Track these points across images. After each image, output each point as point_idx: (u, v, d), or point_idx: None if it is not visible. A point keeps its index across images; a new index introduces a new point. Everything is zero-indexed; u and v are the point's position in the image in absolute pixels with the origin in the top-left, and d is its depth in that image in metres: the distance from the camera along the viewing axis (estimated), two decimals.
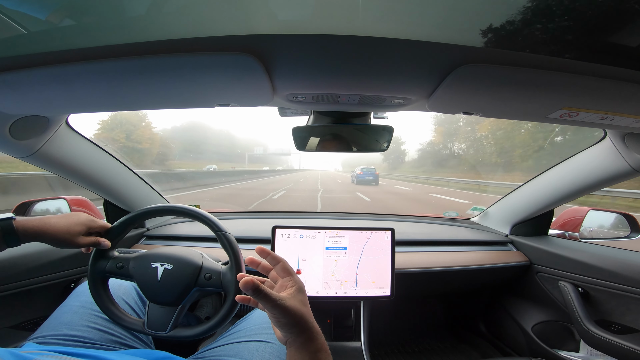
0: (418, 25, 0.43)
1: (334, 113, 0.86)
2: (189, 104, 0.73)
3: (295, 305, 0.46)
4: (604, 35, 0.43)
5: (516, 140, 23.46)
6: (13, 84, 0.58)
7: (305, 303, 0.49)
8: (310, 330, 0.47)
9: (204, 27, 0.44)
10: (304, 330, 0.46)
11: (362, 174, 17.96)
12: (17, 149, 0.82)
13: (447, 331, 1.69)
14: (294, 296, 0.48)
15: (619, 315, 1.01)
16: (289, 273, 0.52)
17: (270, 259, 0.53)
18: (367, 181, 17.87)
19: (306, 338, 0.46)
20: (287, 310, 0.45)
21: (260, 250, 0.52)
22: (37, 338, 0.67)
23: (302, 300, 0.48)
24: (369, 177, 17.90)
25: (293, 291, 0.49)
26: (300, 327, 0.46)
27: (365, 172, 18.03)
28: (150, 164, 33.03)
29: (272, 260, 0.53)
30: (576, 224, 1.27)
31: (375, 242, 1.07)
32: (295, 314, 0.45)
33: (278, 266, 0.52)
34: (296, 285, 0.50)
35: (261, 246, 0.52)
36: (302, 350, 0.46)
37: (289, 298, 0.47)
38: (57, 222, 0.67)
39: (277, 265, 0.52)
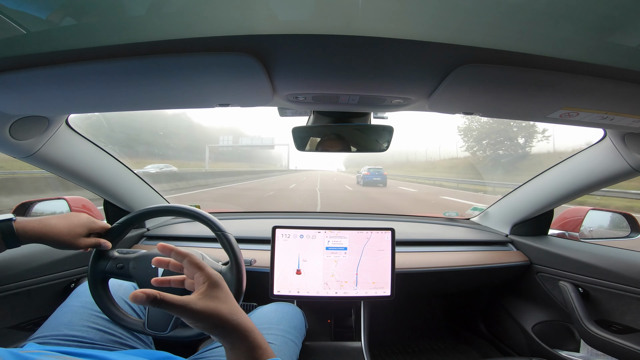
0: (418, 25, 0.43)
1: (334, 113, 0.86)
2: (189, 104, 0.73)
3: (207, 306, 0.41)
4: (604, 35, 0.43)
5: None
6: (13, 84, 0.58)
7: (223, 299, 0.43)
8: (236, 329, 0.42)
9: (204, 27, 0.44)
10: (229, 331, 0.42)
11: (369, 175, 16.66)
12: (17, 149, 0.82)
13: (447, 331, 1.69)
14: (206, 294, 0.42)
15: (619, 315, 1.01)
16: (199, 267, 0.46)
17: (175, 255, 0.48)
18: (374, 182, 16.57)
19: (234, 338, 0.42)
20: (198, 314, 0.40)
21: (161, 247, 0.47)
22: (37, 338, 0.67)
23: (217, 296, 0.43)
24: (377, 177, 16.63)
25: (204, 289, 0.43)
26: (222, 328, 0.42)
27: (372, 173, 16.73)
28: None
29: (178, 257, 0.48)
30: (576, 224, 1.27)
31: (375, 242, 1.07)
32: (209, 315, 0.41)
33: (185, 262, 0.47)
34: (208, 281, 0.44)
35: (161, 243, 0.48)
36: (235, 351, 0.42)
37: (198, 299, 0.41)
38: (57, 223, 0.66)
39: (184, 261, 0.47)
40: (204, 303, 0.41)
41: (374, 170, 16.89)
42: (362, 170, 17.96)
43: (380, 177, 16.63)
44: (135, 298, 0.38)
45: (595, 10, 0.39)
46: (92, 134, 0.94)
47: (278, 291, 1.04)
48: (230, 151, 48.89)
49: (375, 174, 16.69)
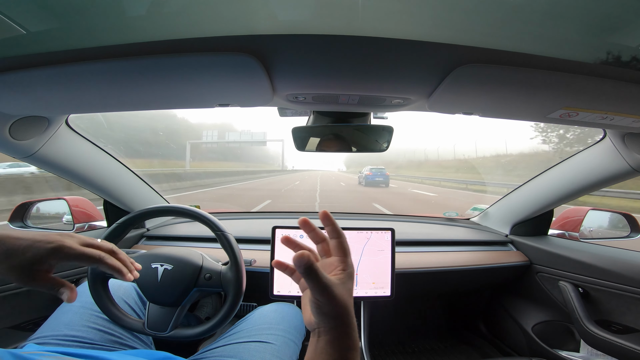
0: (418, 25, 0.43)
1: (333, 113, 0.86)
2: (189, 104, 0.73)
3: (342, 294, 0.40)
4: (604, 35, 0.44)
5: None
6: (13, 84, 0.58)
7: (351, 293, 0.42)
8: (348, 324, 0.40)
9: (204, 27, 0.44)
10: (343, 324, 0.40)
11: (372, 175, 16.40)
12: (16, 149, 0.82)
13: (447, 331, 1.69)
14: (344, 283, 0.41)
15: (619, 315, 1.01)
16: (345, 253, 0.44)
17: (331, 230, 0.45)
18: (377, 182, 16.31)
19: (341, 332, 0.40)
20: (334, 299, 0.39)
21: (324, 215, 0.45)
22: (37, 338, 0.67)
23: (350, 289, 0.42)
24: (379, 178, 16.35)
25: (344, 276, 0.42)
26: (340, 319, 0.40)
27: (375, 173, 16.47)
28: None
29: (333, 232, 0.45)
30: (576, 224, 1.27)
31: (375, 243, 1.07)
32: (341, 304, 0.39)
33: (336, 241, 0.44)
34: (348, 270, 0.42)
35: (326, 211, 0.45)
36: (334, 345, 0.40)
37: (338, 284, 0.40)
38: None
39: (335, 240, 0.44)
40: (341, 290, 0.40)
41: (377, 170, 16.63)
42: (364, 171, 17.73)
43: (382, 178, 16.39)
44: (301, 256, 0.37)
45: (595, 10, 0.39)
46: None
47: (278, 291, 1.04)
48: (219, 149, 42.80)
49: (377, 174, 16.44)
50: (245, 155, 59.99)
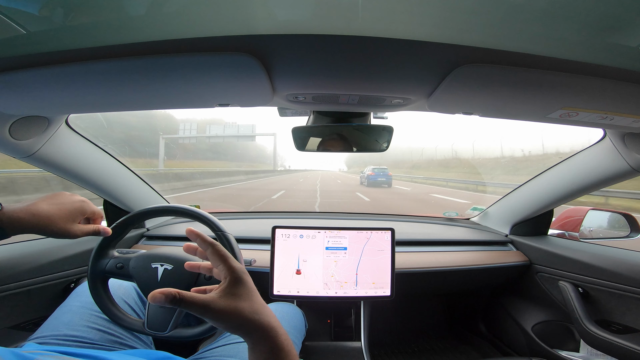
0: (418, 25, 0.43)
1: (333, 113, 0.86)
2: (189, 104, 0.73)
3: (228, 305, 0.38)
4: (604, 35, 0.43)
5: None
6: (13, 84, 0.58)
7: (245, 296, 0.40)
8: (258, 329, 0.39)
9: (204, 27, 0.44)
10: (250, 330, 0.39)
11: (374, 175, 15.98)
12: (16, 149, 0.82)
13: (447, 331, 1.69)
14: (227, 292, 0.39)
15: (619, 315, 1.01)
16: (222, 259, 0.41)
17: (200, 242, 0.43)
18: (379, 183, 15.91)
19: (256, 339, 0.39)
20: (218, 314, 0.37)
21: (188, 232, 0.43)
22: (37, 338, 0.67)
23: (239, 294, 0.39)
24: (382, 178, 15.94)
25: (225, 285, 0.39)
26: (242, 328, 0.39)
27: (377, 173, 16.03)
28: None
29: (202, 244, 0.43)
30: (576, 224, 1.27)
31: (375, 242, 1.07)
32: (230, 315, 0.38)
33: (208, 251, 0.42)
34: (230, 276, 0.40)
35: (189, 227, 0.43)
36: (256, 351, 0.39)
37: (219, 297, 0.38)
38: (48, 209, 0.58)
39: (208, 251, 0.42)
40: (225, 302, 0.38)
41: (379, 170, 16.25)
42: (366, 171, 17.34)
43: (385, 178, 16.02)
44: (154, 298, 0.36)
45: (595, 10, 0.39)
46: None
47: (278, 291, 1.04)
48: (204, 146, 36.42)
49: (380, 174, 16.05)
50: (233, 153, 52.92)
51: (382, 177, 15.96)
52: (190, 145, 32.26)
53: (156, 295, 0.35)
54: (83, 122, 0.96)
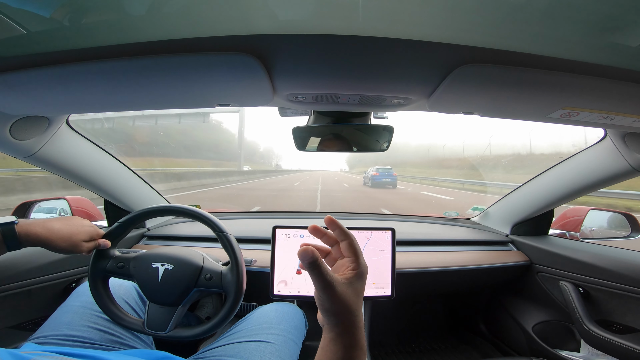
0: (418, 25, 0.43)
1: (334, 113, 0.86)
2: (189, 104, 0.73)
3: (346, 293, 0.40)
4: (604, 35, 0.43)
5: None
6: (13, 84, 0.58)
7: (359, 293, 0.43)
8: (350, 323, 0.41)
9: (204, 27, 0.44)
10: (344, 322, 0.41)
11: (379, 175, 15.28)
12: (17, 149, 0.82)
13: (448, 331, 1.69)
14: (351, 282, 0.42)
15: (619, 315, 1.01)
16: (355, 254, 0.44)
17: (339, 233, 0.45)
18: (383, 183, 15.27)
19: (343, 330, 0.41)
20: (335, 297, 0.40)
21: (329, 220, 0.46)
22: (37, 338, 0.67)
23: (357, 289, 0.42)
24: (386, 178, 15.27)
25: (352, 276, 0.42)
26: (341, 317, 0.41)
27: (382, 173, 15.33)
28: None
29: (341, 235, 0.45)
30: (577, 224, 1.27)
31: (376, 242, 1.07)
32: (342, 303, 0.40)
33: (345, 243, 0.45)
34: (357, 270, 0.43)
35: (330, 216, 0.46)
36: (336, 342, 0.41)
37: (343, 283, 0.41)
38: (61, 229, 0.66)
39: (344, 242, 0.45)
40: (345, 289, 0.40)
41: (384, 170, 15.62)
42: (369, 171, 16.71)
43: (390, 178, 15.39)
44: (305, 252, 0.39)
45: (595, 10, 0.39)
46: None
47: (278, 291, 1.04)
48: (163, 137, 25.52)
49: (384, 174, 15.44)
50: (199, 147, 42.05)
51: (387, 177, 15.42)
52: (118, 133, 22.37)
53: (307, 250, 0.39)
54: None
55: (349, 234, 0.45)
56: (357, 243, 0.45)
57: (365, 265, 0.44)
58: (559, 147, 19.03)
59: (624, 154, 0.87)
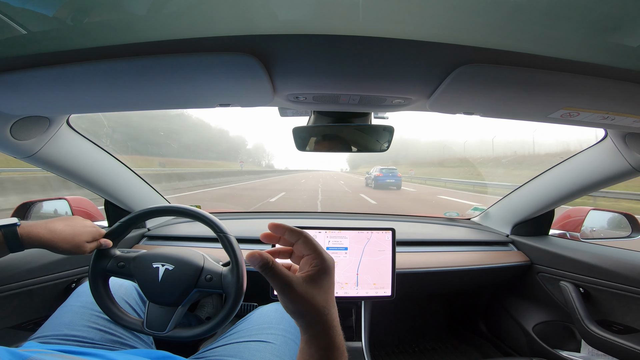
0: (418, 25, 0.43)
1: (334, 113, 0.86)
2: (190, 104, 0.73)
3: (308, 292, 0.38)
4: (604, 35, 0.43)
5: None
6: (14, 85, 0.58)
7: (326, 290, 0.40)
8: (322, 323, 0.39)
9: (205, 28, 0.44)
10: (314, 323, 0.39)
11: (382, 176, 14.61)
12: (18, 149, 0.82)
13: (448, 331, 1.69)
14: (313, 280, 0.39)
15: (620, 315, 1.00)
16: (314, 249, 0.41)
17: (290, 235, 0.43)
18: (387, 184, 14.61)
19: (315, 332, 0.39)
20: (297, 298, 0.38)
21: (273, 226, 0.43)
22: (37, 338, 0.67)
23: (322, 286, 0.39)
24: (391, 179, 14.64)
25: (313, 273, 0.39)
26: (308, 318, 0.39)
27: (385, 174, 14.65)
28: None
29: (292, 236, 0.42)
30: (577, 224, 1.27)
31: (376, 242, 1.07)
32: (306, 303, 0.38)
33: (299, 242, 0.42)
34: (320, 266, 0.40)
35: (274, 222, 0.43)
36: (311, 345, 0.39)
37: (302, 282, 0.38)
38: (63, 230, 0.66)
39: (299, 241, 0.42)
40: (305, 288, 0.38)
41: (387, 170, 14.95)
42: (372, 171, 16.04)
43: (394, 179, 14.73)
44: (252, 257, 0.37)
45: (595, 10, 0.39)
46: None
47: None
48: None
49: (388, 175, 14.78)
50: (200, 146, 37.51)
51: (390, 178, 14.78)
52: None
53: (254, 254, 0.37)
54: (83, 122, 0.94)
55: (301, 232, 0.42)
56: (312, 239, 0.42)
57: (330, 259, 0.41)
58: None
59: (625, 154, 0.87)
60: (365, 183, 16.75)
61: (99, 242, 0.72)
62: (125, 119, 22.85)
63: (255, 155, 72.56)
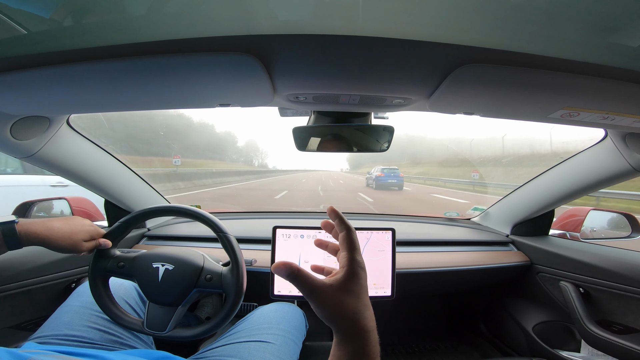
0: (418, 25, 0.43)
1: (334, 113, 0.86)
2: (190, 104, 0.73)
3: (334, 297, 0.37)
4: (604, 35, 0.43)
5: None
6: (14, 84, 0.58)
7: (356, 294, 0.38)
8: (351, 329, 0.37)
9: (205, 27, 0.44)
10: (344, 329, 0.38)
11: (384, 176, 14.15)
12: (18, 149, 0.82)
13: (448, 331, 1.69)
14: (341, 285, 0.37)
15: (620, 315, 1.00)
16: (349, 248, 0.40)
17: (338, 223, 0.41)
18: (389, 185, 14.16)
19: (345, 337, 0.38)
20: (324, 304, 0.36)
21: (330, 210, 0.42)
22: (37, 338, 0.67)
23: (352, 290, 0.38)
24: (392, 179, 14.17)
25: (341, 277, 0.38)
26: (338, 323, 0.37)
27: (387, 174, 14.22)
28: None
29: (339, 225, 0.41)
30: (577, 224, 1.27)
31: (376, 242, 1.07)
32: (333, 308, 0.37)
33: (342, 235, 0.41)
34: (349, 268, 0.38)
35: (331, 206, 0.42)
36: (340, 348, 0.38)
37: (331, 287, 0.37)
38: (61, 228, 0.66)
39: (342, 234, 0.41)
40: (333, 293, 0.37)
41: (389, 170, 14.50)
42: (373, 171, 15.56)
43: (396, 180, 14.25)
44: (277, 268, 0.36)
45: (595, 10, 0.39)
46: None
47: (279, 291, 1.04)
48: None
49: (390, 175, 14.31)
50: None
51: (392, 178, 14.28)
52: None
53: (279, 265, 0.36)
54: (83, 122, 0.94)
55: (348, 226, 0.41)
56: (355, 237, 0.41)
57: (361, 262, 0.40)
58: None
59: (624, 154, 0.87)
60: (366, 183, 16.40)
61: (97, 241, 0.72)
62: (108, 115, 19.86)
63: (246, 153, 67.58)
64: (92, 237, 0.71)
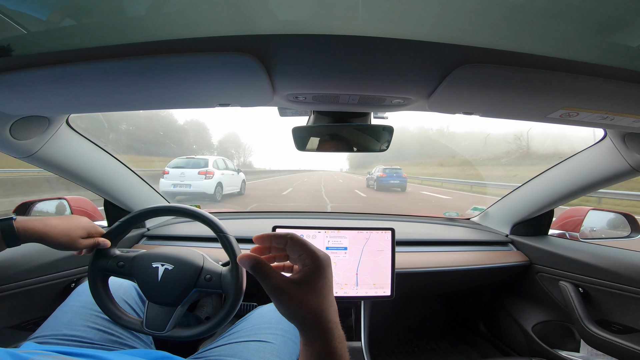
0: (418, 25, 0.43)
1: (334, 113, 0.86)
2: (189, 104, 0.73)
3: (297, 295, 0.36)
4: (604, 35, 0.44)
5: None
6: (13, 84, 0.58)
7: (319, 291, 0.37)
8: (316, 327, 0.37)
9: (204, 27, 0.45)
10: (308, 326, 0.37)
11: (386, 177, 13.53)
12: (17, 149, 0.82)
13: (447, 331, 1.69)
14: (304, 281, 0.37)
15: (619, 315, 1.01)
16: (304, 248, 0.39)
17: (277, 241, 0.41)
18: (391, 186, 13.54)
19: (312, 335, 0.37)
20: (287, 300, 0.36)
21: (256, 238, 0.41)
22: (36, 338, 0.67)
23: (315, 287, 0.37)
24: (394, 180, 13.50)
25: (304, 274, 0.37)
26: (301, 321, 0.37)
27: (389, 174, 13.58)
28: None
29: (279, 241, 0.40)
30: (576, 224, 1.27)
31: (375, 242, 1.07)
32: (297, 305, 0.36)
33: (288, 245, 0.40)
34: (311, 266, 0.38)
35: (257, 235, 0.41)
36: (307, 347, 0.37)
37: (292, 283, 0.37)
38: (58, 224, 0.66)
39: (287, 245, 0.40)
40: (296, 291, 0.36)
41: (391, 170, 13.82)
42: (374, 172, 14.88)
43: (399, 180, 13.59)
44: (242, 258, 0.37)
45: (595, 10, 0.39)
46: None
47: None
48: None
49: (392, 175, 13.64)
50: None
51: (395, 179, 13.59)
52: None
53: (244, 256, 0.37)
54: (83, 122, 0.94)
55: (285, 236, 0.40)
56: (300, 238, 0.40)
57: (324, 257, 0.39)
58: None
59: (624, 154, 0.87)
60: (367, 184, 15.81)
61: (95, 240, 0.72)
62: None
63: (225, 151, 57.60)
64: (90, 234, 0.71)
